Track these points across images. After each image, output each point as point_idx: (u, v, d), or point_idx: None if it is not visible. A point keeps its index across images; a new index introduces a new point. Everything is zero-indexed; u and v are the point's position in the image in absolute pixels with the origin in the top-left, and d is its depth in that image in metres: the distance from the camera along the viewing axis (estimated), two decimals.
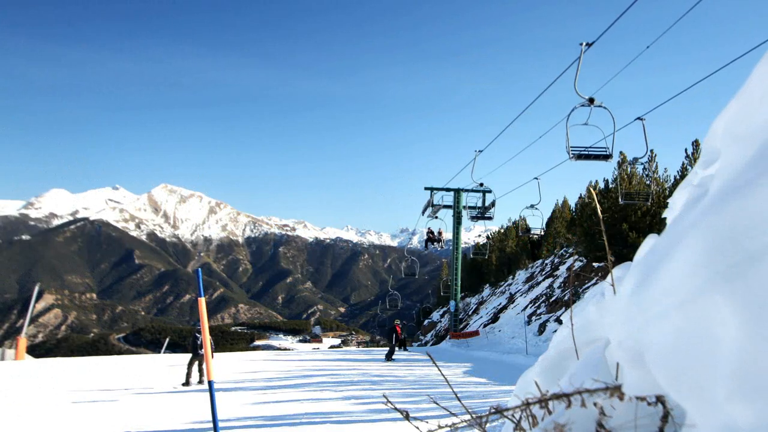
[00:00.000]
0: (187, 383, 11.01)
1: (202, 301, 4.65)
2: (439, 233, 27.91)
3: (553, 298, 22.95)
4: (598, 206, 1.09)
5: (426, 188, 26.67)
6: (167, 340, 32.09)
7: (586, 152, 12.09)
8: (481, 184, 20.57)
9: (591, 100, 11.04)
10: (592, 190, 16.75)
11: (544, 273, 29.95)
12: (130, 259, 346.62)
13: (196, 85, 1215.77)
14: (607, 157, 12.09)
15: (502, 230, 42.74)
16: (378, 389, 9.68)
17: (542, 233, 28.30)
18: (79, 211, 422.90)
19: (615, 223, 18.80)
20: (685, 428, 0.73)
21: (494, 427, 1.44)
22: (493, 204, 22.17)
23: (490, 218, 22.71)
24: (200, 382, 11.21)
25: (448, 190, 26.53)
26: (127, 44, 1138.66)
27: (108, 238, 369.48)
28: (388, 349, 17.70)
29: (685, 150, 19.51)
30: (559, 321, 18.68)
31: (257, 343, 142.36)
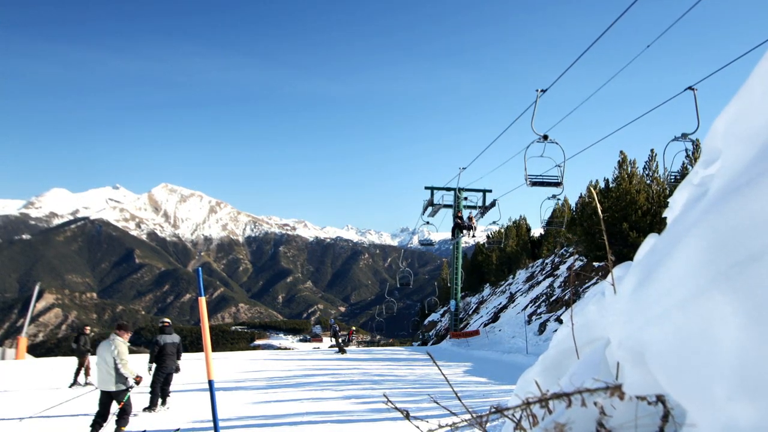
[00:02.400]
0: (341, 351, 19.08)
1: (203, 301, 4.65)
2: (470, 219, 23.63)
3: (554, 298, 22.95)
4: (598, 205, 1.09)
5: (426, 188, 26.66)
6: None
7: None
8: (546, 137, 14.33)
9: None
10: (592, 189, 16.39)
11: (544, 272, 29.95)
12: (130, 259, 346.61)
13: (195, 85, 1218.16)
14: None
15: (503, 230, 42.79)
16: (378, 388, 9.68)
17: (503, 246, 36.80)
18: (80, 210, 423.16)
19: (615, 223, 18.77)
20: (685, 428, 0.73)
21: (495, 427, 1.44)
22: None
23: (557, 184, 16.25)
24: (341, 351, 19.08)
25: (448, 189, 26.48)
26: (127, 44, 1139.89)
27: (108, 237, 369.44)
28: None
29: (686, 149, 19.47)
30: (559, 320, 18.68)
31: (257, 342, 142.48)
